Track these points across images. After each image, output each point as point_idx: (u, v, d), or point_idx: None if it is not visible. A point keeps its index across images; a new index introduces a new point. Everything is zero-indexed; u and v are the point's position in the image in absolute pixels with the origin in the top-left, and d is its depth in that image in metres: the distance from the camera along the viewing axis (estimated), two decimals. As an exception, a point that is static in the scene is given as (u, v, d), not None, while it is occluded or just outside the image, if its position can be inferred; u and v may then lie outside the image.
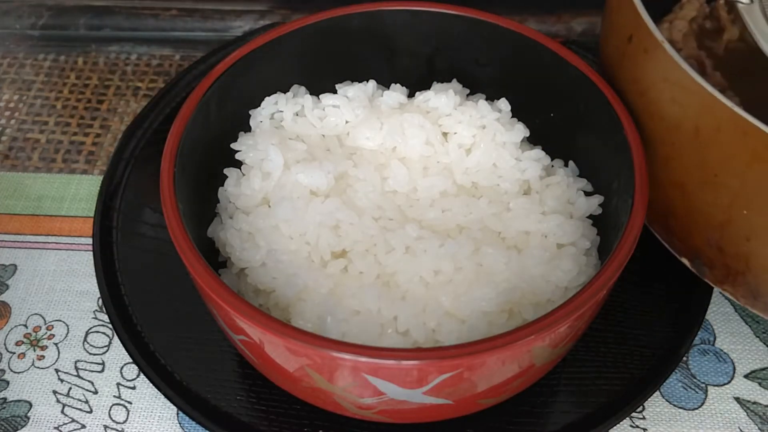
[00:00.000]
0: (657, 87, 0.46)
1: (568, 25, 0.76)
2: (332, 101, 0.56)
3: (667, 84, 0.45)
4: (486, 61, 0.58)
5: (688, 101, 0.44)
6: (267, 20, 0.78)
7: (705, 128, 0.43)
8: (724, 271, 0.47)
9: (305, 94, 0.57)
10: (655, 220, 0.51)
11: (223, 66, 0.54)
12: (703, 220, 0.46)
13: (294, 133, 0.55)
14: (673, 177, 0.47)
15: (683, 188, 0.47)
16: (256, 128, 0.56)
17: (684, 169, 0.46)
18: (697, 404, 0.52)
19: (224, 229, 0.52)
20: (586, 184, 0.54)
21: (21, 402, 0.53)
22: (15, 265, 0.60)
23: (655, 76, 0.46)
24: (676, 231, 0.49)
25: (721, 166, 0.44)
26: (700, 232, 0.47)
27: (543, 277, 0.48)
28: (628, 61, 0.49)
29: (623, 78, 0.51)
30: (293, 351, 0.41)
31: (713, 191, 0.45)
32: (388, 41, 0.59)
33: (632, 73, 0.49)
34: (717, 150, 0.43)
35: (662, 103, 0.46)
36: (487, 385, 0.43)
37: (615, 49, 0.51)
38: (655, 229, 0.51)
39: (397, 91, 0.57)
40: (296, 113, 0.56)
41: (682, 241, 0.49)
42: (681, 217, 0.48)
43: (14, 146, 0.69)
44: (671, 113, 0.46)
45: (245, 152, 0.53)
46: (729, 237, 0.46)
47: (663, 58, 0.44)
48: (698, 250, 0.48)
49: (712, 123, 0.43)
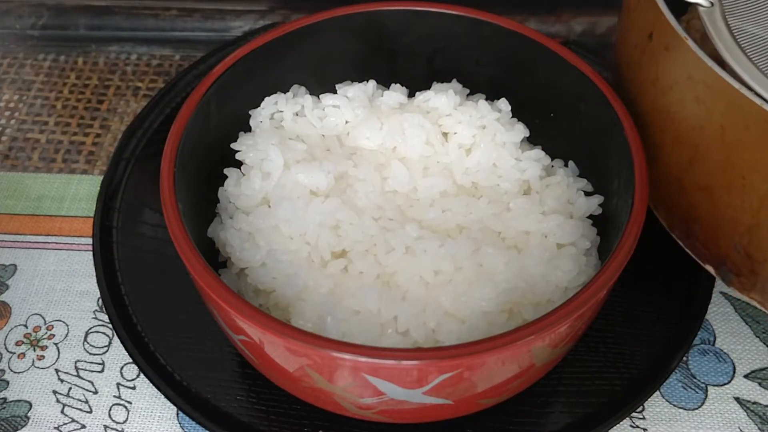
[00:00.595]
0: (679, 86, 0.44)
1: (568, 25, 0.76)
2: (332, 101, 0.56)
3: (690, 82, 0.43)
4: (486, 61, 0.58)
5: (714, 100, 0.42)
6: (267, 20, 0.78)
7: (732, 128, 0.41)
8: (751, 278, 0.45)
9: (305, 94, 0.57)
10: (676, 225, 0.49)
11: (223, 66, 0.54)
12: (729, 224, 0.44)
13: (294, 133, 0.55)
14: (698, 180, 0.45)
15: (708, 192, 0.45)
16: (256, 128, 0.56)
17: (709, 172, 0.44)
18: (697, 404, 0.52)
19: (224, 229, 0.52)
20: (586, 184, 0.54)
21: (21, 402, 0.53)
22: (15, 265, 0.60)
23: (677, 75, 0.44)
24: (700, 237, 0.47)
25: (750, 168, 0.41)
26: (726, 237, 0.45)
27: (543, 277, 0.48)
28: (648, 60, 0.47)
29: (642, 78, 0.49)
30: (293, 351, 0.41)
31: (741, 194, 0.42)
32: (388, 41, 0.59)
33: (652, 72, 0.47)
34: (745, 151, 0.41)
35: (685, 103, 0.44)
36: (487, 385, 0.43)
37: (634, 48, 0.49)
38: (676, 235, 0.49)
39: (397, 91, 0.57)
40: (296, 113, 0.56)
41: (706, 247, 0.47)
42: (705, 222, 0.46)
43: (14, 146, 0.69)
44: (695, 113, 0.44)
45: (245, 152, 0.53)
46: (757, 242, 0.43)
47: (686, 56, 0.42)
48: (724, 257, 0.46)
49: (739, 122, 0.41)
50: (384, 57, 0.59)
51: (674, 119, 0.46)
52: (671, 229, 0.50)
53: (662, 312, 0.54)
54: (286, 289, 0.48)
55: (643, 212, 0.45)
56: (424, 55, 0.59)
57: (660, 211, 0.50)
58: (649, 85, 0.48)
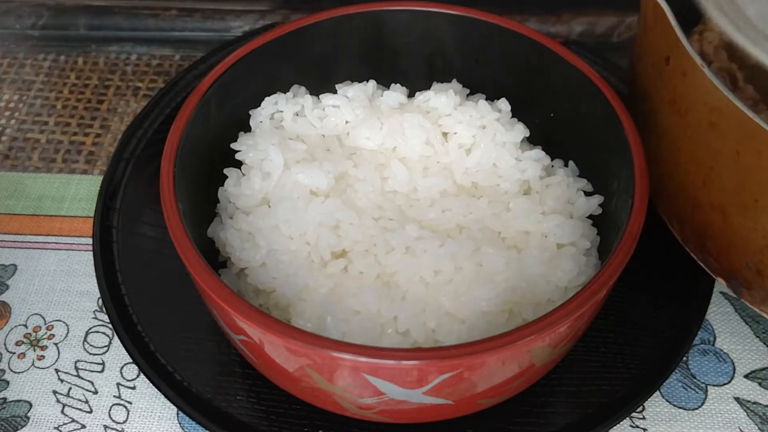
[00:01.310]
0: (696, 110, 0.45)
1: (569, 25, 0.76)
2: (332, 101, 0.56)
3: (706, 108, 0.44)
4: (486, 61, 0.58)
5: (729, 126, 0.43)
6: (267, 20, 0.78)
7: (746, 153, 0.42)
8: (761, 293, 0.46)
9: (305, 94, 0.57)
10: (690, 239, 0.50)
11: (223, 66, 0.54)
12: (742, 243, 0.45)
13: (294, 133, 0.55)
14: (713, 200, 0.46)
15: (723, 211, 0.45)
16: (256, 128, 0.56)
17: (723, 192, 0.45)
18: (697, 404, 0.52)
19: (224, 229, 0.52)
20: (586, 184, 0.54)
21: (21, 402, 0.53)
22: (15, 265, 0.60)
23: (694, 100, 0.45)
24: (713, 252, 0.48)
25: (763, 191, 0.42)
26: (739, 255, 0.46)
27: (543, 277, 0.48)
28: (665, 83, 0.48)
29: (659, 96, 0.49)
30: (293, 351, 0.41)
31: (754, 216, 0.43)
32: (388, 41, 0.59)
33: (669, 94, 0.48)
34: (758, 175, 0.42)
35: (701, 126, 0.45)
36: (487, 385, 0.43)
37: (651, 68, 0.49)
38: (689, 248, 0.50)
39: (397, 91, 0.57)
40: (296, 113, 0.56)
41: (719, 262, 0.48)
42: (719, 240, 0.47)
43: (14, 146, 0.69)
44: (710, 137, 0.44)
45: (245, 152, 0.53)
46: None
47: (702, 83, 0.43)
48: (736, 272, 0.47)
49: (753, 148, 0.42)
50: (384, 57, 0.59)
51: (690, 140, 0.47)
52: (685, 242, 0.50)
53: (662, 312, 0.54)
54: (286, 289, 0.48)
55: (643, 212, 0.45)
56: (424, 55, 0.59)
57: (674, 225, 0.51)
58: (666, 105, 0.48)
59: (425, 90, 0.57)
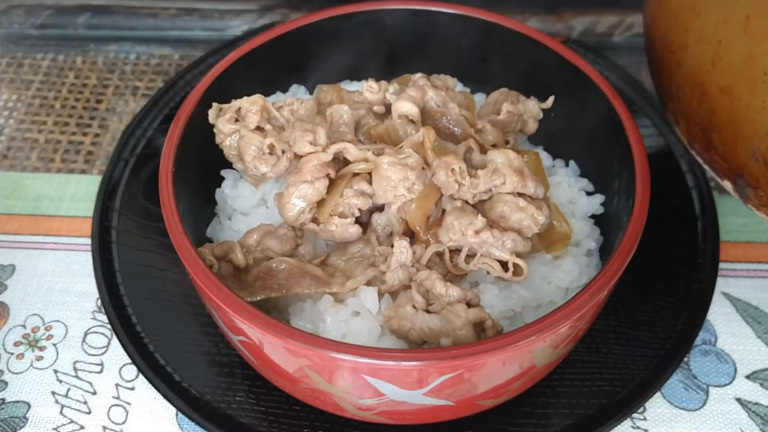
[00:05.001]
0: None
1: (569, 25, 0.76)
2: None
3: None
4: (486, 60, 0.58)
5: None
6: (266, 19, 0.78)
7: (756, 16, 0.42)
8: None
9: (305, 94, 0.57)
10: (696, 137, 0.49)
11: (223, 65, 0.54)
12: (749, 128, 0.44)
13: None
14: (720, 81, 0.45)
15: (730, 93, 0.45)
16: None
17: (731, 70, 0.44)
18: (698, 405, 0.52)
19: (223, 229, 0.51)
20: (587, 184, 0.54)
21: (20, 403, 0.52)
22: (13, 266, 0.60)
23: None
24: (719, 147, 0.47)
25: None
26: (746, 143, 0.45)
27: (544, 278, 0.48)
28: None
29: None
30: (293, 352, 0.41)
31: (762, 93, 0.43)
32: (388, 41, 0.59)
33: None
34: None
35: None
36: (487, 386, 0.43)
37: None
38: (695, 149, 0.49)
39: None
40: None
41: (725, 159, 0.47)
42: (725, 129, 0.46)
43: (13, 146, 0.69)
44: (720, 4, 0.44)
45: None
46: None
47: None
48: (742, 167, 0.46)
49: (764, 11, 0.41)
50: (384, 56, 0.59)
51: (699, 15, 0.46)
52: (691, 143, 0.49)
53: (663, 312, 0.53)
54: (285, 290, 0.48)
55: (645, 212, 0.45)
56: (424, 55, 0.59)
57: (680, 124, 0.50)
58: None
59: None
